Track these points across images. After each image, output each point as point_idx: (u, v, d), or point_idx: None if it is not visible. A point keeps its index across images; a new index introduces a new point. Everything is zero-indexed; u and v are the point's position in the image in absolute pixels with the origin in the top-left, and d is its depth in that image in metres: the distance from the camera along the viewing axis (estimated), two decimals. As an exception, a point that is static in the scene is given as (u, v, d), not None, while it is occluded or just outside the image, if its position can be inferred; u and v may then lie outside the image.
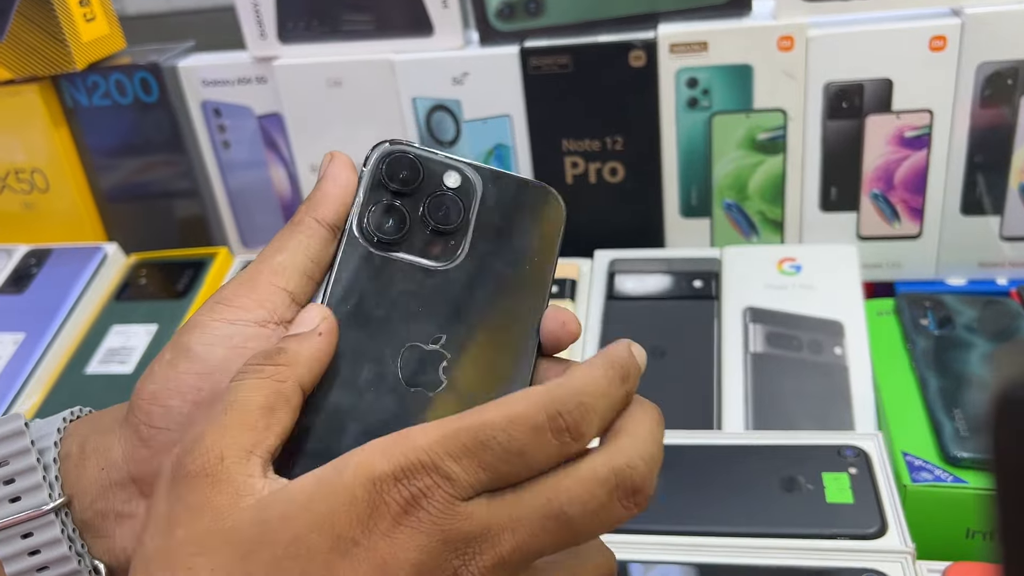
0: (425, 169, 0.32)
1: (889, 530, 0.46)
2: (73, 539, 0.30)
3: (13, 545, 0.30)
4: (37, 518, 0.30)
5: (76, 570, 0.30)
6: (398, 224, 0.31)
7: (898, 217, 0.68)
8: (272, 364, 0.28)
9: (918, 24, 0.62)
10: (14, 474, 0.30)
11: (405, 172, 0.32)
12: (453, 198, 0.32)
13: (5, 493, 0.30)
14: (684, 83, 0.67)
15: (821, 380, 0.59)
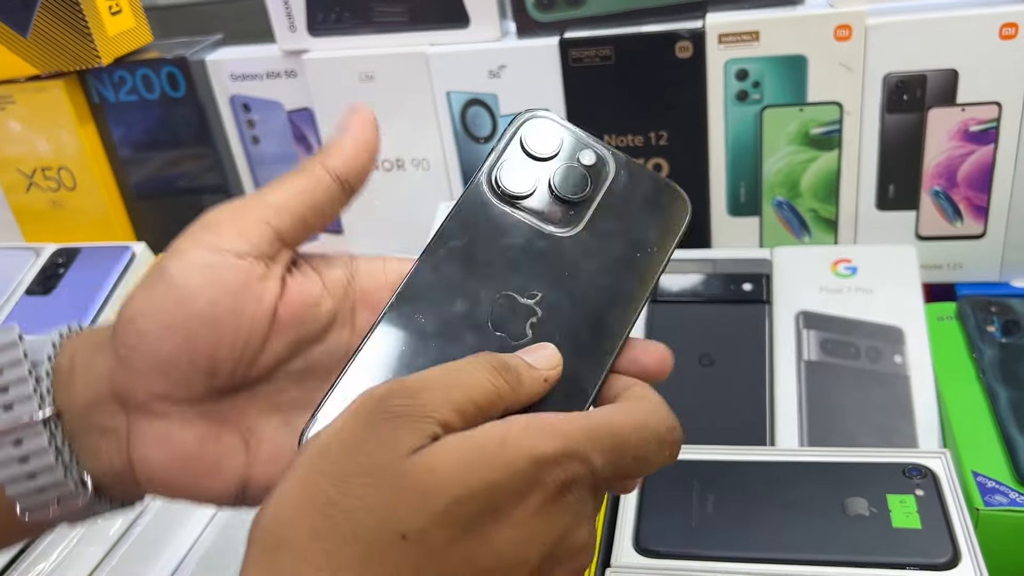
0: (564, 141, 0.34)
1: (962, 559, 0.43)
2: (61, 450, 0.31)
3: (5, 451, 0.31)
4: (27, 426, 0.30)
5: (62, 481, 0.31)
6: (525, 184, 0.33)
7: (960, 216, 0.65)
8: None
9: (987, 10, 0.58)
10: (8, 383, 0.31)
11: (544, 139, 0.34)
12: (583, 173, 0.34)
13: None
14: (733, 75, 0.63)
15: (881, 391, 0.56)
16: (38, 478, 0.31)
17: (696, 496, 0.49)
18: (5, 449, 0.31)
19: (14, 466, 0.31)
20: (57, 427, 0.31)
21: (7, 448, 0.31)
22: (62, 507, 0.31)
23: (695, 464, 0.51)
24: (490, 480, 0.26)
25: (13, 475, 0.31)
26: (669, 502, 0.49)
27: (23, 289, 0.74)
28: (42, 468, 0.31)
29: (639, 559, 0.46)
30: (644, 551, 0.46)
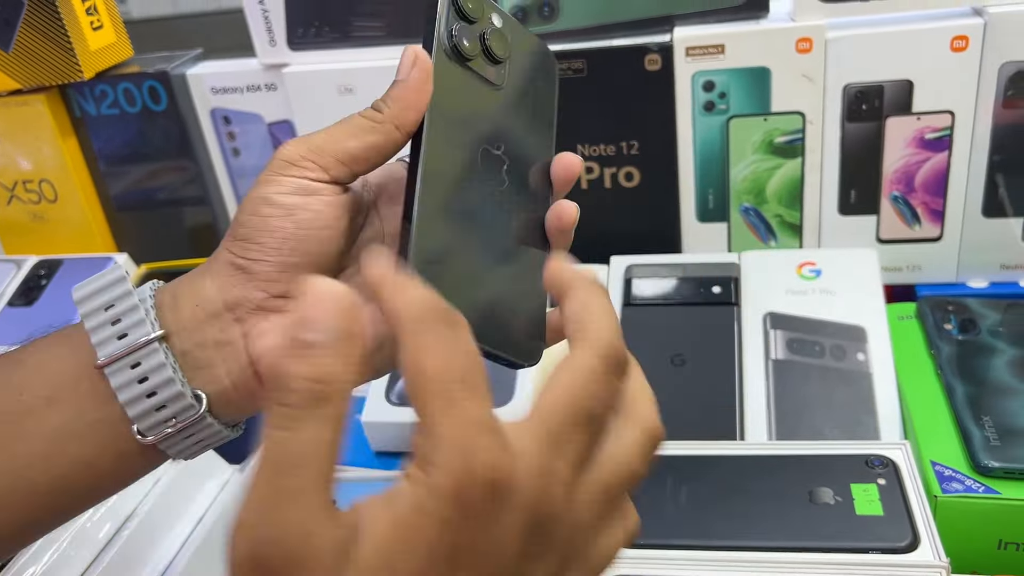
0: (483, 5, 0.37)
1: (921, 543, 0.45)
2: (175, 367, 0.35)
3: (124, 375, 0.34)
4: (143, 347, 0.34)
5: (180, 392, 0.34)
6: (472, 43, 0.36)
7: (918, 220, 0.68)
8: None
9: (939, 24, 0.61)
10: (120, 314, 0.34)
11: (472, 5, 0.37)
12: (501, 34, 0.38)
13: (113, 331, 0.34)
14: (700, 86, 0.66)
15: (845, 387, 0.58)
16: (157, 395, 0.34)
17: (670, 489, 0.51)
18: (124, 372, 0.34)
19: (134, 387, 0.34)
20: (168, 348, 0.35)
21: (125, 371, 0.34)
22: (178, 423, 0.35)
23: (669, 459, 0.52)
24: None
25: (133, 396, 0.34)
26: (644, 495, 0.50)
27: (5, 301, 0.74)
28: (160, 383, 0.34)
29: (616, 550, 0.48)
30: (621, 542, 0.48)
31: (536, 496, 0.26)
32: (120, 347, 0.34)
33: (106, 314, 0.35)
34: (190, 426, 0.35)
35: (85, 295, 0.35)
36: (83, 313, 0.35)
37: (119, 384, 0.34)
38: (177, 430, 0.35)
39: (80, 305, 0.35)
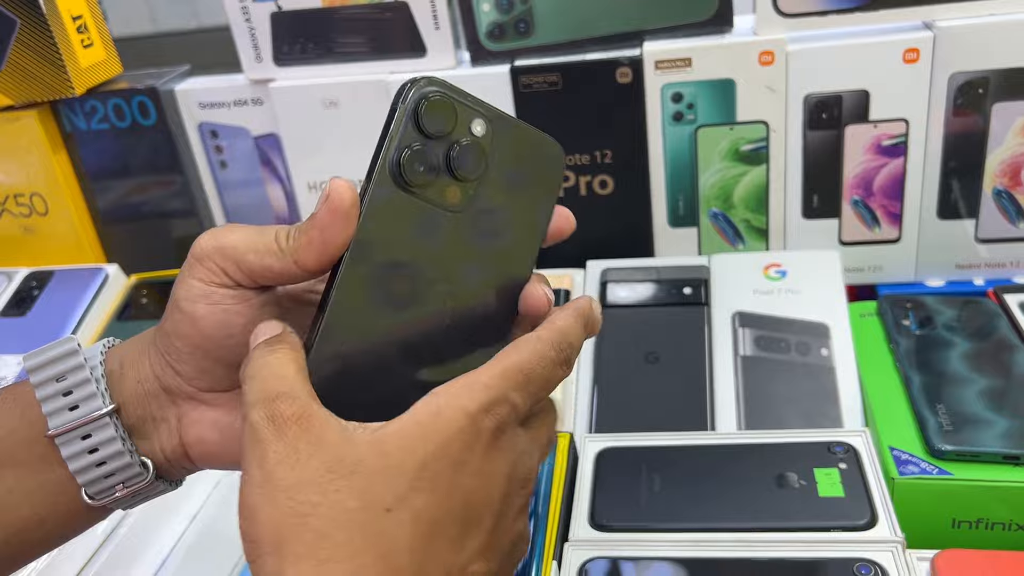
0: (458, 115, 0.33)
1: (879, 521, 0.48)
2: (124, 438, 0.36)
3: (75, 445, 0.35)
4: (95, 421, 0.35)
5: (129, 463, 0.36)
6: (427, 168, 0.33)
7: (878, 222, 0.71)
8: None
9: (892, 38, 0.65)
10: (72, 387, 0.35)
11: (439, 116, 0.33)
12: (477, 148, 0.34)
13: (64, 403, 0.35)
14: (669, 98, 0.69)
15: (809, 380, 0.61)
16: (106, 464, 0.35)
17: (644, 477, 0.53)
18: (74, 443, 0.35)
19: (84, 456, 0.35)
20: (118, 420, 0.36)
21: (76, 442, 0.35)
22: (127, 489, 0.36)
23: (643, 449, 0.55)
24: (439, 443, 0.31)
25: (83, 465, 0.35)
26: (620, 483, 0.53)
27: (-3, 311, 0.76)
28: (110, 455, 0.35)
29: (594, 533, 0.50)
30: (598, 526, 0.50)
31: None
32: (71, 418, 0.35)
33: (57, 385, 0.35)
34: (138, 491, 0.37)
35: (37, 364, 0.36)
36: (34, 383, 0.35)
37: (69, 454, 0.35)
38: (125, 495, 0.36)
39: (31, 374, 0.36)
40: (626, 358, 0.64)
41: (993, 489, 0.51)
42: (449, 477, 0.31)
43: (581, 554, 0.49)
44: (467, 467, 0.31)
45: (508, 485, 0.33)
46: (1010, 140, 0.66)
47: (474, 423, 0.31)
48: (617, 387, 0.63)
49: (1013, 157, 0.67)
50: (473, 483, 0.31)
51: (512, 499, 0.33)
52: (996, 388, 0.57)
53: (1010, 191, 0.68)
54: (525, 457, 0.34)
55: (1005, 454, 0.52)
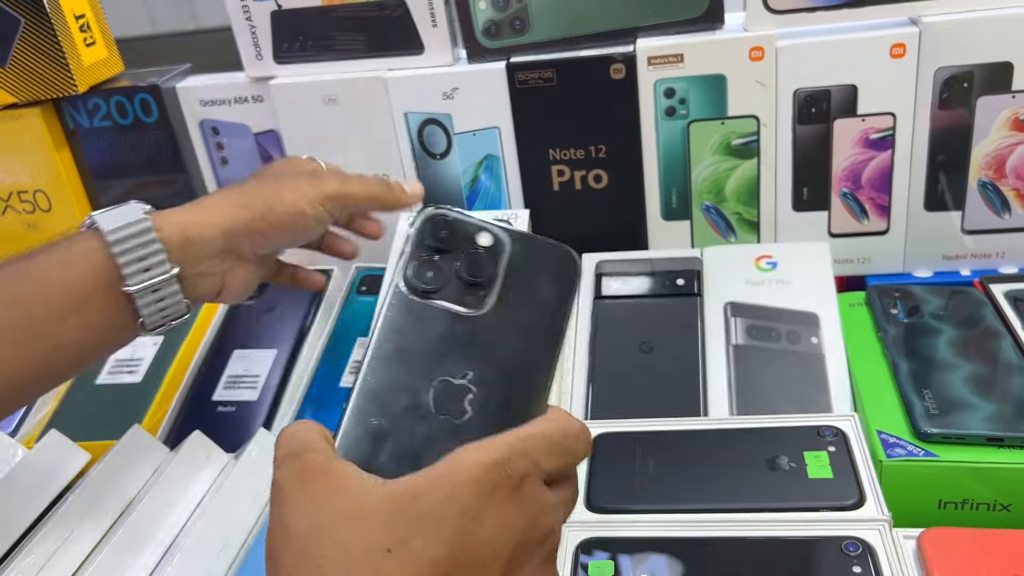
0: (461, 230, 0.37)
1: (867, 501, 0.50)
2: (181, 290, 0.50)
3: (146, 298, 0.48)
4: (165, 279, 0.48)
5: (180, 304, 0.50)
6: (436, 276, 0.36)
7: (866, 214, 0.73)
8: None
9: (879, 33, 0.66)
10: (146, 255, 0.47)
11: (444, 232, 0.37)
12: (484, 255, 0.37)
13: (140, 267, 0.47)
14: (662, 93, 0.71)
15: (799, 368, 0.63)
16: (166, 309, 0.49)
17: (639, 461, 0.55)
18: (146, 296, 0.48)
19: (152, 305, 0.48)
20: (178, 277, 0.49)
21: (147, 295, 0.48)
22: (174, 322, 0.50)
23: (637, 435, 0.57)
24: (448, 489, 0.31)
25: (150, 312, 0.49)
26: (615, 467, 0.55)
27: (1, 306, 0.77)
28: (171, 304, 0.49)
29: (591, 515, 0.52)
30: (595, 508, 0.52)
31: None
32: (145, 278, 0.47)
33: (135, 254, 0.47)
34: (177, 318, 0.51)
35: (118, 238, 0.46)
36: (116, 252, 0.46)
37: (142, 304, 0.48)
38: (171, 327, 0.51)
39: (114, 246, 0.46)
40: (621, 347, 0.66)
41: (977, 470, 0.52)
42: (453, 522, 0.31)
43: (576, 534, 0.50)
44: (476, 514, 0.31)
45: (524, 535, 0.32)
46: (995, 133, 0.68)
47: (488, 473, 0.32)
48: (612, 375, 0.64)
49: (998, 149, 0.68)
50: (481, 530, 0.31)
51: (530, 552, 0.33)
52: (981, 374, 0.58)
53: (995, 183, 0.69)
54: (549, 511, 0.34)
55: (989, 436, 0.53)
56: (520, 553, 0.32)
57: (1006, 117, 0.67)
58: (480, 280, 0.36)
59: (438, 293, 0.36)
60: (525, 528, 0.32)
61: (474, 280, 0.36)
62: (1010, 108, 0.67)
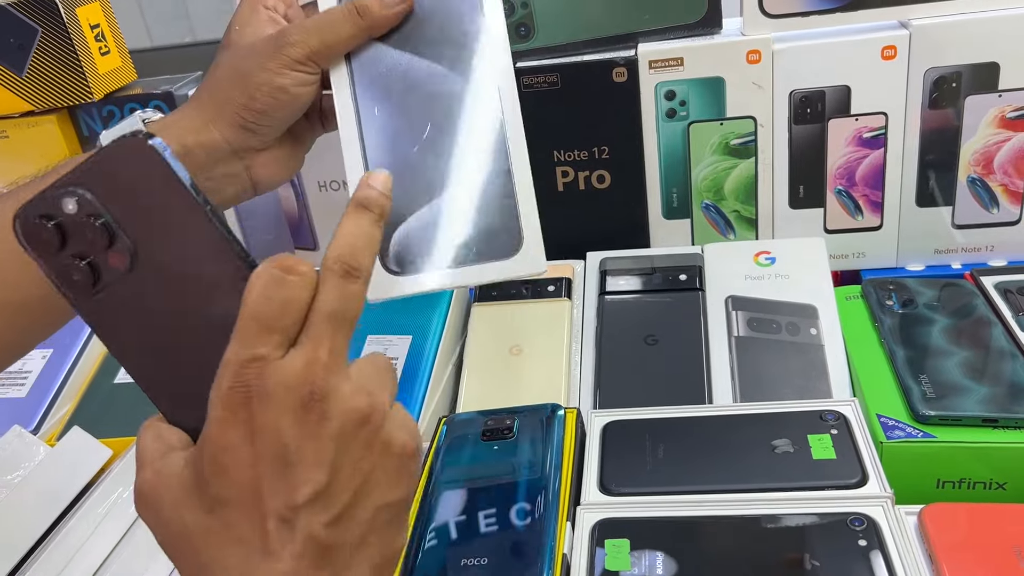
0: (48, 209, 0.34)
1: (870, 479, 0.52)
2: None
3: None
4: None
5: None
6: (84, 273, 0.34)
7: (860, 211, 0.75)
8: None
9: (871, 36, 0.69)
10: None
11: (43, 235, 0.34)
12: (85, 223, 0.34)
13: None
14: (663, 95, 0.73)
15: (799, 357, 0.65)
16: None
17: (648, 446, 0.57)
18: None
19: None
20: None
21: None
22: None
23: (647, 422, 0.59)
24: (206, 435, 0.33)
25: None
26: (626, 452, 0.57)
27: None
28: None
29: (603, 497, 0.54)
30: (607, 491, 0.54)
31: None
32: None
33: None
34: None
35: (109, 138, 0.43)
36: None
37: None
38: None
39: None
40: (627, 341, 0.68)
41: (974, 450, 0.55)
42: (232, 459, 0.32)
43: (592, 516, 0.52)
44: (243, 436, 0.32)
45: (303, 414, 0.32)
46: (983, 131, 0.70)
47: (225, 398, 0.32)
48: (619, 368, 0.66)
49: (986, 147, 0.71)
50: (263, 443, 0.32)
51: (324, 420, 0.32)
52: (974, 359, 0.61)
53: (983, 179, 0.72)
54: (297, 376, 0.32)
55: (984, 417, 0.55)
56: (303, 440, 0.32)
57: (993, 115, 0.70)
58: (103, 247, 0.34)
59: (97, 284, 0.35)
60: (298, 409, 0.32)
61: (99, 250, 0.34)
62: (997, 107, 0.69)
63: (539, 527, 0.51)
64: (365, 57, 0.49)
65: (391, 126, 0.48)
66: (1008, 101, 0.69)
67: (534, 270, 0.46)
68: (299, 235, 0.84)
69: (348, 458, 0.33)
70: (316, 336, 0.33)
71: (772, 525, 0.50)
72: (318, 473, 0.32)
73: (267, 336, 0.32)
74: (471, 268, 0.46)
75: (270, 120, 0.49)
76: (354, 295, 0.34)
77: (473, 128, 0.47)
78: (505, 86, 0.47)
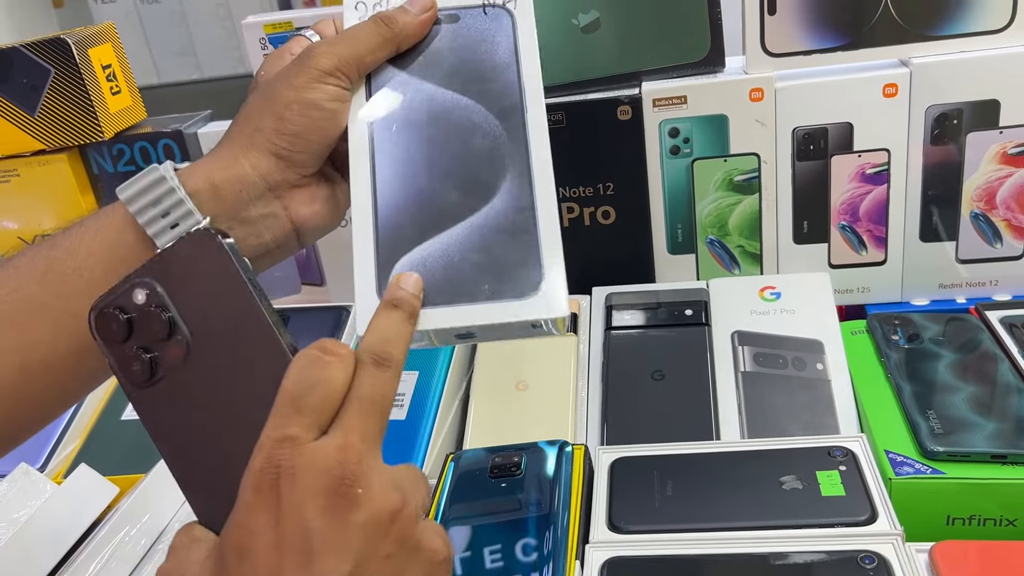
0: (121, 302, 0.37)
1: (879, 516, 0.51)
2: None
3: None
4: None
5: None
6: (144, 364, 0.37)
7: (865, 246, 0.76)
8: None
9: (872, 74, 0.70)
10: (168, 208, 0.42)
11: (113, 325, 0.37)
12: (152, 313, 0.37)
13: (166, 223, 0.42)
14: (667, 133, 0.74)
15: (806, 393, 0.65)
16: None
17: (657, 483, 0.57)
18: None
19: None
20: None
21: None
22: None
23: (655, 458, 0.59)
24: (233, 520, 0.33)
25: None
26: (635, 489, 0.56)
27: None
28: None
29: (612, 535, 0.53)
30: (616, 528, 0.54)
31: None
32: (175, 235, 0.41)
33: (155, 209, 0.41)
34: None
35: (132, 195, 0.42)
36: (134, 211, 0.41)
37: None
38: None
39: (130, 204, 0.42)
40: (633, 376, 0.68)
41: (983, 486, 0.55)
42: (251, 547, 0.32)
43: (601, 554, 0.52)
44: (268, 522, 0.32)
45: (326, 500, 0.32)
46: (984, 167, 0.71)
47: (254, 480, 0.32)
48: (626, 403, 0.66)
49: (988, 182, 0.72)
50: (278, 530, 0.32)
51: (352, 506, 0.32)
52: (982, 394, 0.61)
53: (987, 214, 0.73)
54: (329, 460, 0.32)
55: (993, 453, 0.55)
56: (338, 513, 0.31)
57: (995, 152, 0.70)
58: (164, 339, 0.36)
59: (155, 376, 0.36)
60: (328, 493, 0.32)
61: (160, 342, 0.36)
62: (998, 143, 0.70)
63: (548, 565, 0.51)
64: (387, 85, 0.47)
65: (407, 155, 0.45)
66: (1009, 137, 0.70)
67: (554, 314, 0.41)
68: (307, 272, 0.85)
69: (376, 551, 0.32)
70: (349, 422, 0.33)
71: (782, 563, 0.50)
72: (343, 562, 0.31)
73: (300, 417, 0.32)
74: (480, 307, 0.41)
75: (304, 144, 0.45)
76: (386, 382, 0.35)
77: (496, 162, 0.44)
78: (535, 120, 0.45)
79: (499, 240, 0.42)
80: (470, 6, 0.47)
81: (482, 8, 0.46)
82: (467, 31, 0.46)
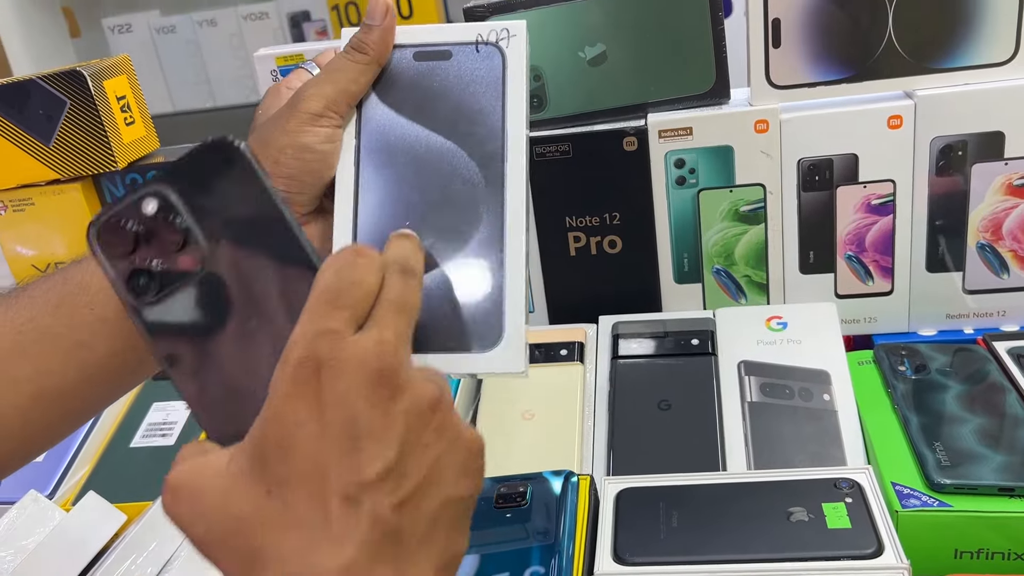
0: (126, 214, 0.35)
1: (886, 550, 0.51)
2: None
3: None
4: None
5: None
6: (154, 276, 0.35)
7: (871, 276, 0.76)
8: None
9: (877, 106, 0.71)
10: None
11: (118, 236, 0.35)
12: (162, 223, 0.35)
13: None
14: (673, 164, 0.74)
15: (813, 423, 0.65)
16: None
17: (663, 514, 0.57)
18: None
19: None
20: None
21: None
22: None
23: (661, 489, 0.59)
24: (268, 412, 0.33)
25: None
26: (640, 520, 0.56)
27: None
28: None
29: (617, 567, 0.53)
30: (621, 560, 0.54)
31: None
32: None
33: None
34: None
35: None
36: None
37: None
38: None
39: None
40: (640, 406, 0.68)
41: (991, 519, 0.54)
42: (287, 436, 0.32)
43: (607, 586, 0.52)
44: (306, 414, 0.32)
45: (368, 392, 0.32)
46: (990, 198, 0.71)
47: (291, 372, 0.32)
48: (632, 433, 0.66)
49: (994, 213, 0.72)
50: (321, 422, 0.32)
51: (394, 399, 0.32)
52: (989, 426, 0.60)
53: (993, 245, 0.73)
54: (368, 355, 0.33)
55: (1001, 486, 0.55)
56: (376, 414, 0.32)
57: (1000, 183, 0.71)
58: (177, 249, 0.35)
59: (167, 288, 0.35)
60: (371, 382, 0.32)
61: (172, 253, 0.35)
62: (1003, 174, 0.70)
63: (553, 597, 0.51)
64: (376, 123, 0.47)
65: (388, 196, 0.46)
66: (1014, 169, 0.70)
67: (510, 369, 0.42)
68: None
69: (418, 439, 0.33)
70: (383, 320, 0.34)
71: (788, 596, 0.50)
72: (388, 449, 0.32)
73: (338, 312, 0.33)
74: (437, 357, 0.42)
75: (299, 185, 0.46)
76: (412, 289, 0.36)
77: (471, 210, 0.44)
78: (513, 169, 0.45)
79: (466, 291, 0.43)
80: (463, 42, 0.46)
81: (475, 45, 0.46)
82: (457, 70, 0.46)
